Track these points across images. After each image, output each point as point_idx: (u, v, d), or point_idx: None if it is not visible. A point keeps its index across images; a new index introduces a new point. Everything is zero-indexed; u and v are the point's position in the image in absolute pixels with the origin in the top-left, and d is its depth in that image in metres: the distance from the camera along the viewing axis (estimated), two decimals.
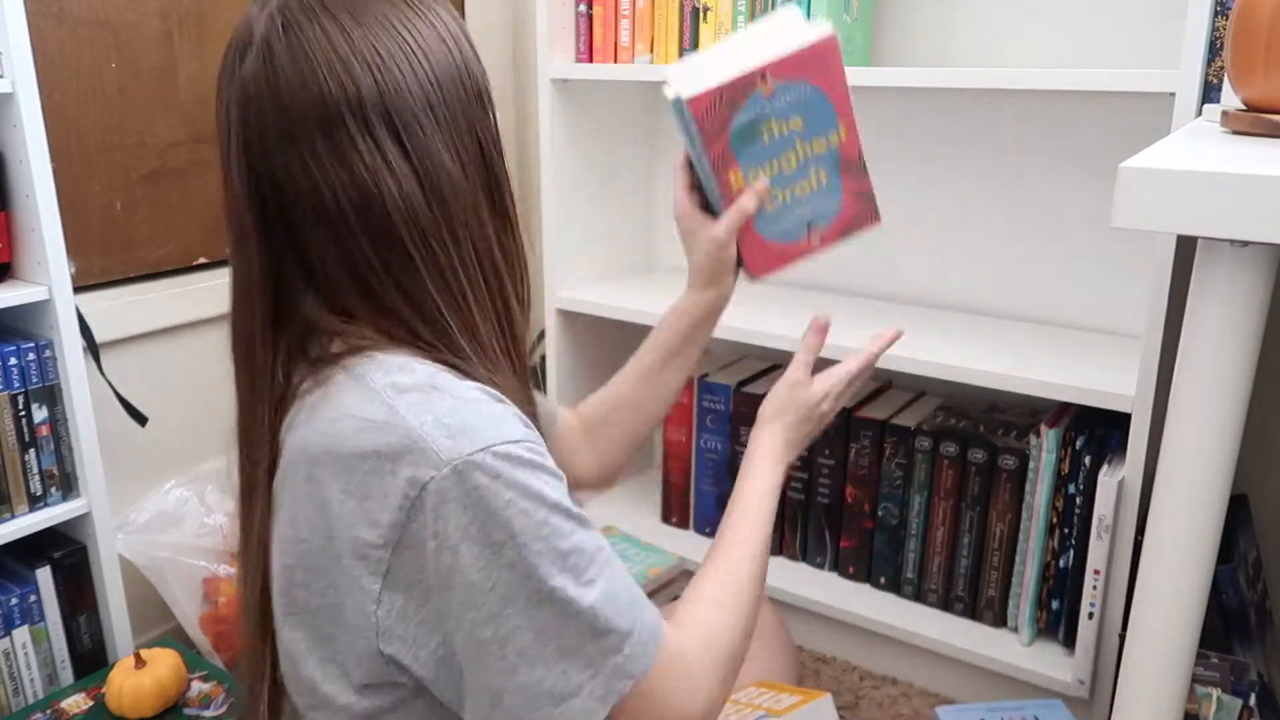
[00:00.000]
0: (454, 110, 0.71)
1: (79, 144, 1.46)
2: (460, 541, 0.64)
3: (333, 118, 0.68)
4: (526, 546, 0.64)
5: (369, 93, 0.68)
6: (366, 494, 0.65)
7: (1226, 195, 0.63)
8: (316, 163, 0.68)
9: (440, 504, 0.63)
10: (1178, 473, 0.73)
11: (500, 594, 0.64)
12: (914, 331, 1.54)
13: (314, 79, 0.67)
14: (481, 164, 0.73)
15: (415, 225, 0.70)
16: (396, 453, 0.64)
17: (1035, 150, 1.54)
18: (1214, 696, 1.04)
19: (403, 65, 0.69)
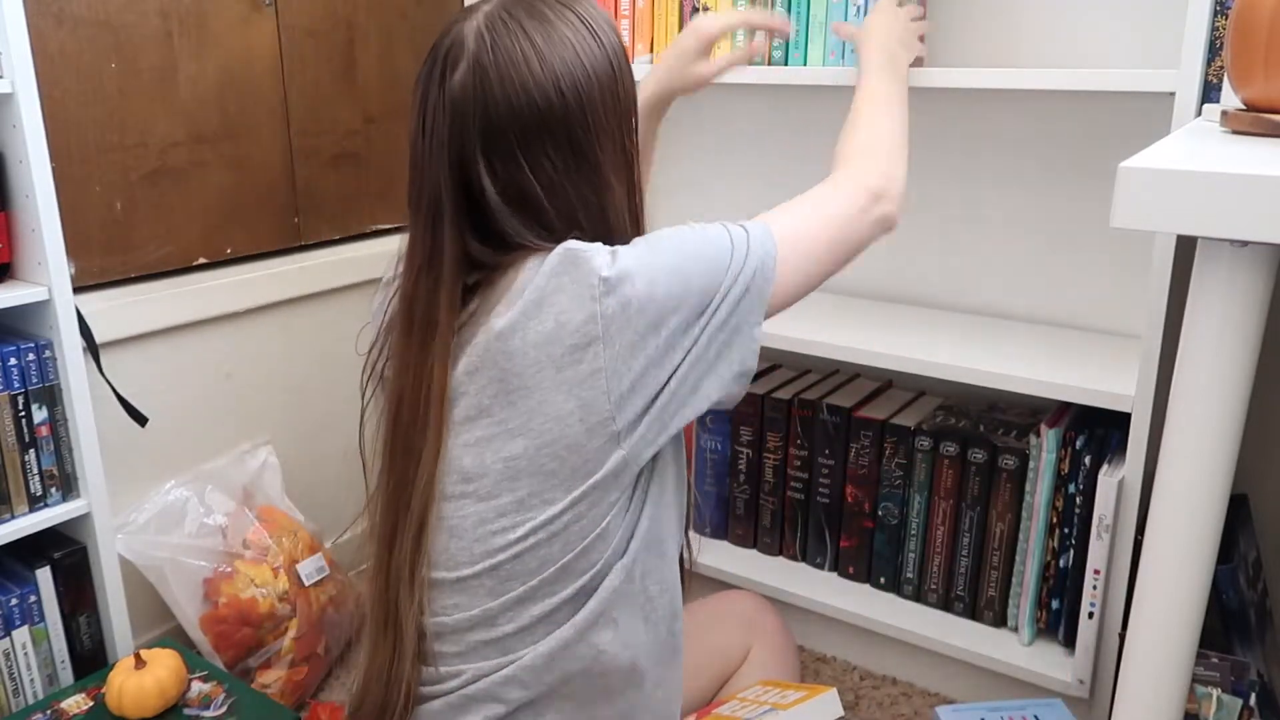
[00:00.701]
0: (613, 108, 0.89)
1: (79, 144, 1.46)
2: (637, 268, 0.84)
3: (530, 132, 0.85)
4: (679, 233, 0.89)
5: (564, 109, 0.85)
6: (564, 310, 0.82)
7: (1226, 195, 0.63)
8: (512, 163, 0.86)
9: (609, 264, 0.83)
10: (1178, 473, 0.73)
11: (698, 290, 0.86)
12: (914, 331, 1.54)
13: (517, 99, 0.85)
14: (626, 169, 0.91)
15: (592, 182, 0.90)
16: (569, 265, 0.83)
17: (1035, 150, 1.54)
18: (1214, 696, 1.04)
19: (584, 81, 0.86)
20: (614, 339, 0.82)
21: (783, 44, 1.48)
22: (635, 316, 0.82)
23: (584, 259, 0.82)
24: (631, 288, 0.82)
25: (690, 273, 0.85)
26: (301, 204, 1.77)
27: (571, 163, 0.86)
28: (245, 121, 1.66)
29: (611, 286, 0.81)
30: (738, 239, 0.88)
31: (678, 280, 0.84)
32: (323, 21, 1.74)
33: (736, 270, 0.86)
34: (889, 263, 1.70)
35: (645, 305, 0.82)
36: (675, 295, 0.83)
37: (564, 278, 0.82)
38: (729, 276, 0.86)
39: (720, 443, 1.70)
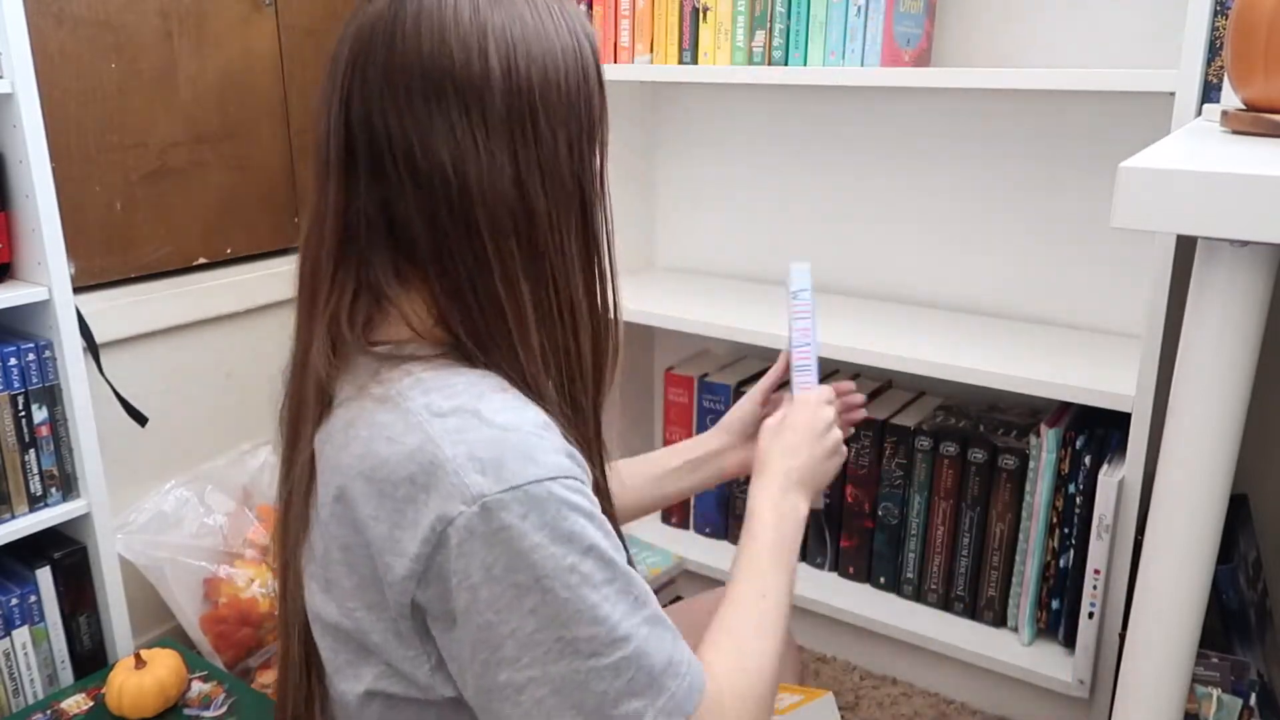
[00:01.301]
0: (562, 118, 0.69)
1: (79, 144, 1.46)
2: (482, 582, 0.61)
3: (442, 87, 0.66)
4: (552, 592, 0.62)
5: (484, 76, 0.66)
6: (397, 522, 0.63)
7: (1226, 195, 0.63)
8: (414, 122, 0.66)
9: (465, 540, 0.61)
10: (1178, 473, 0.73)
11: (519, 640, 0.62)
12: (914, 331, 1.54)
13: (435, 44, 0.66)
14: (575, 183, 0.71)
15: (494, 218, 0.67)
16: (427, 484, 0.62)
17: (1035, 150, 1.54)
18: (1214, 696, 1.04)
19: (525, 60, 0.67)
20: (429, 587, 0.64)
21: (782, 44, 1.48)
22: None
23: (435, 482, 0.62)
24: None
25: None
26: (301, 204, 1.77)
27: (490, 152, 0.67)
28: (245, 121, 1.66)
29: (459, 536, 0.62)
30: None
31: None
32: (323, 21, 1.74)
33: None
34: (890, 263, 1.70)
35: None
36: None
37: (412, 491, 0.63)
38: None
39: None
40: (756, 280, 1.84)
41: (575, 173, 0.71)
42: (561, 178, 0.70)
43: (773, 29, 1.48)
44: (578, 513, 0.64)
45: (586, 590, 0.63)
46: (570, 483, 0.64)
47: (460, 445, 0.62)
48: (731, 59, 1.53)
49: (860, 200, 1.70)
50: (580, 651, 0.62)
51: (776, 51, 1.49)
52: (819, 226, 1.76)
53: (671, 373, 1.74)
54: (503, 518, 0.61)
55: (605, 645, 0.63)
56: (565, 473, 0.64)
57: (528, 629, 0.62)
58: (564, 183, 0.70)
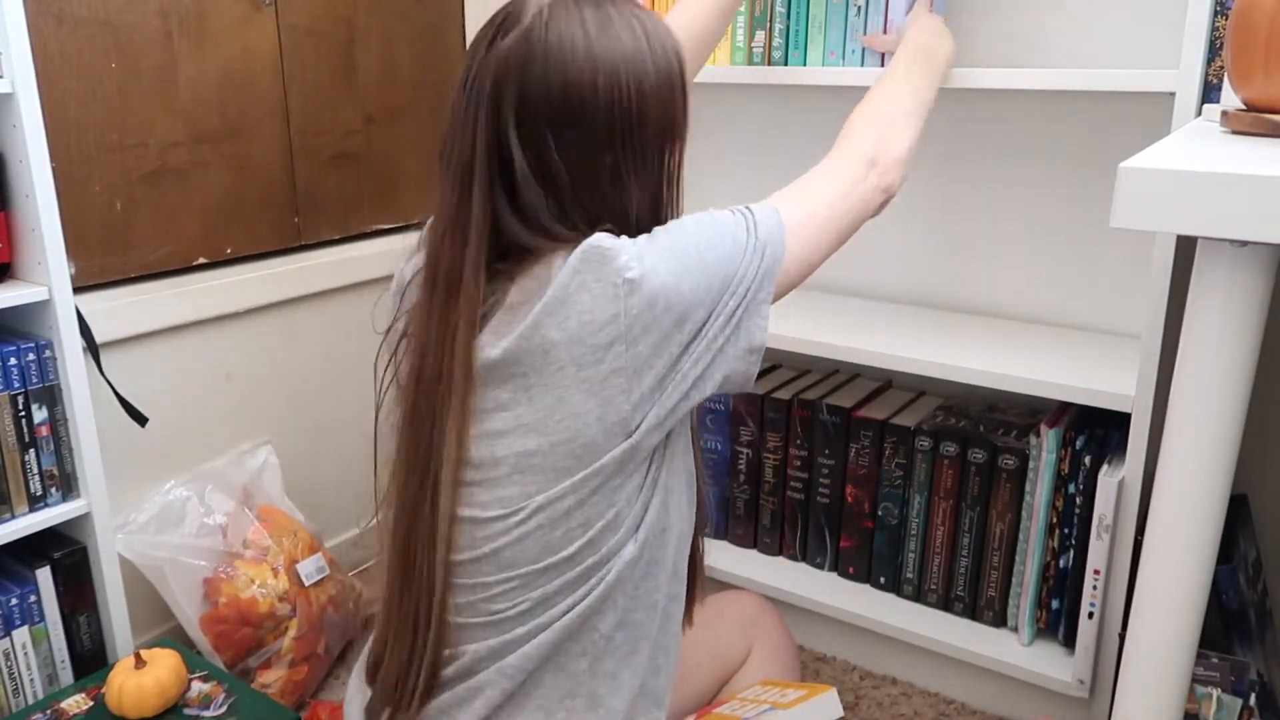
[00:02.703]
0: (654, 124, 0.88)
1: (79, 144, 1.46)
2: (660, 259, 0.84)
3: (559, 119, 0.85)
4: (707, 215, 0.92)
5: (596, 106, 0.85)
6: (588, 288, 0.82)
7: (1226, 195, 0.63)
8: (538, 145, 0.86)
9: (632, 260, 0.83)
10: (1178, 473, 0.73)
11: (704, 232, 0.89)
12: (914, 331, 1.54)
13: (559, 83, 0.84)
14: (658, 182, 0.91)
15: (592, 207, 0.89)
16: (594, 260, 0.82)
17: (1035, 150, 1.54)
18: (1214, 696, 1.04)
19: (624, 82, 0.86)
20: (638, 339, 0.82)
21: (782, 44, 1.48)
22: (662, 315, 0.83)
23: (608, 257, 0.82)
24: (656, 286, 0.82)
25: (712, 266, 0.86)
26: (301, 204, 1.77)
27: (598, 160, 0.86)
28: (245, 121, 1.66)
29: (635, 286, 0.82)
30: (749, 226, 0.90)
31: (701, 276, 0.85)
32: (323, 21, 1.74)
33: (750, 258, 0.88)
34: (890, 262, 1.70)
35: (672, 303, 0.83)
36: (699, 291, 0.85)
37: (587, 275, 0.82)
38: (743, 265, 0.87)
39: (720, 443, 1.70)
40: None
41: (664, 167, 0.91)
42: (658, 162, 0.90)
43: (773, 29, 1.48)
44: (714, 217, 0.93)
45: (728, 217, 0.93)
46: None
47: (605, 235, 0.84)
48: (731, 59, 1.53)
49: None
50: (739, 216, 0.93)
51: (776, 51, 1.49)
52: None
53: None
54: (659, 238, 0.87)
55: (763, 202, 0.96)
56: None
57: (706, 228, 0.90)
58: (660, 163, 0.91)
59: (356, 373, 1.88)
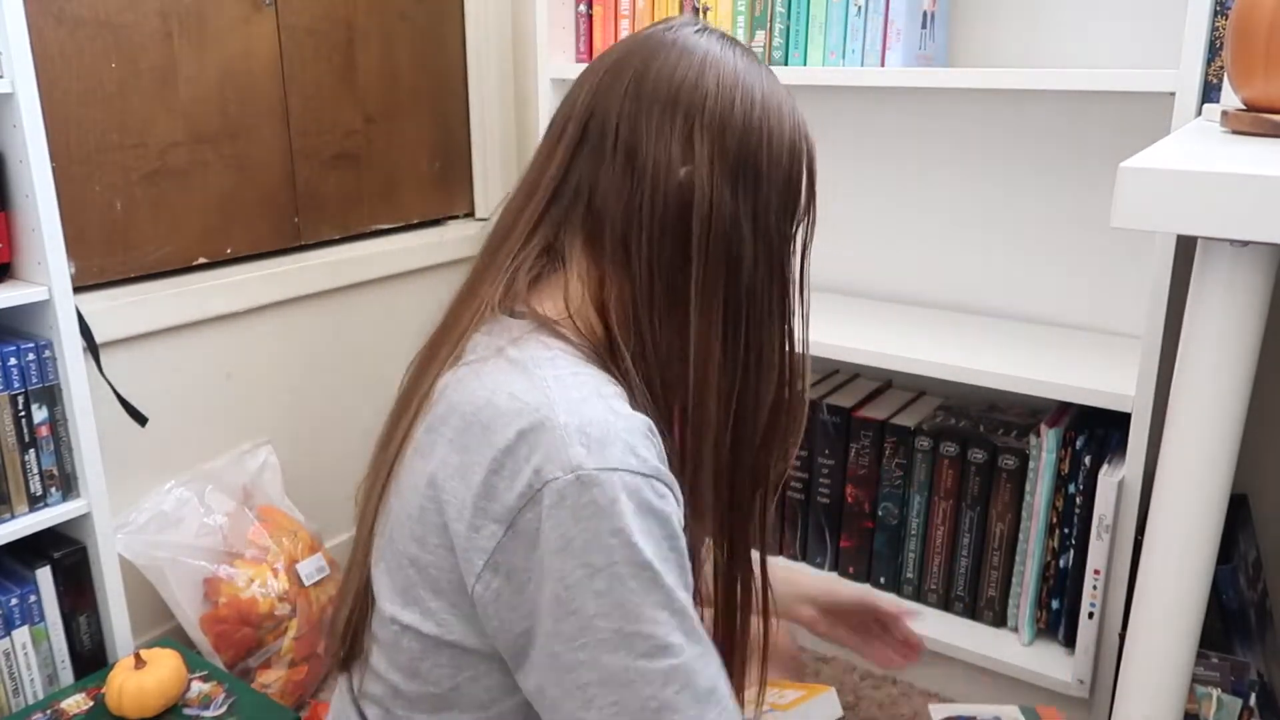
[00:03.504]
0: (780, 186, 0.75)
1: (79, 144, 1.46)
2: (561, 550, 0.63)
3: (691, 108, 0.72)
4: (621, 580, 0.63)
5: (727, 115, 0.72)
6: (498, 469, 0.65)
7: (1226, 195, 0.63)
8: (650, 128, 0.72)
9: (555, 506, 0.63)
10: (1178, 473, 0.73)
11: (581, 620, 0.63)
12: (914, 332, 1.54)
13: (693, 72, 0.73)
14: (776, 258, 0.76)
15: (707, 237, 0.72)
16: (534, 441, 0.64)
17: (1035, 150, 1.54)
18: (1214, 696, 1.04)
19: (762, 120, 0.74)
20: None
21: (782, 44, 1.48)
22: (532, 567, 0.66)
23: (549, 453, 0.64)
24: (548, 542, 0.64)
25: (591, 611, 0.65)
26: (301, 204, 1.77)
27: (706, 174, 0.72)
28: (245, 121, 1.66)
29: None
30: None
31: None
32: (323, 21, 1.74)
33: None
34: (890, 263, 1.71)
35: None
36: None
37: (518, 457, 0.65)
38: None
39: None
40: None
41: (781, 238, 0.76)
42: (770, 237, 0.75)
43: (773, 29, 1.48)
44: (660, 517, 0.65)
45: (654, 591, 0.64)
46: (661, 487, 0.66)
47: (574, 416, 0.65)
48: None
49: (859, 200, 1.70)
50: (635, 649, 0.63)
51: (776, 51, 1.49)
52: (818, 226, 1.75)
53: None
54: (594, 494, 0.63)
55: (659, 650, 0.64)
56: (661, 476, 0.66)
57: (589, 611, 0.63)
58: (771, 242, 0.75)
59: (356, 373, 1.88)
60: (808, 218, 0.80)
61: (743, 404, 0.76)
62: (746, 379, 0.75)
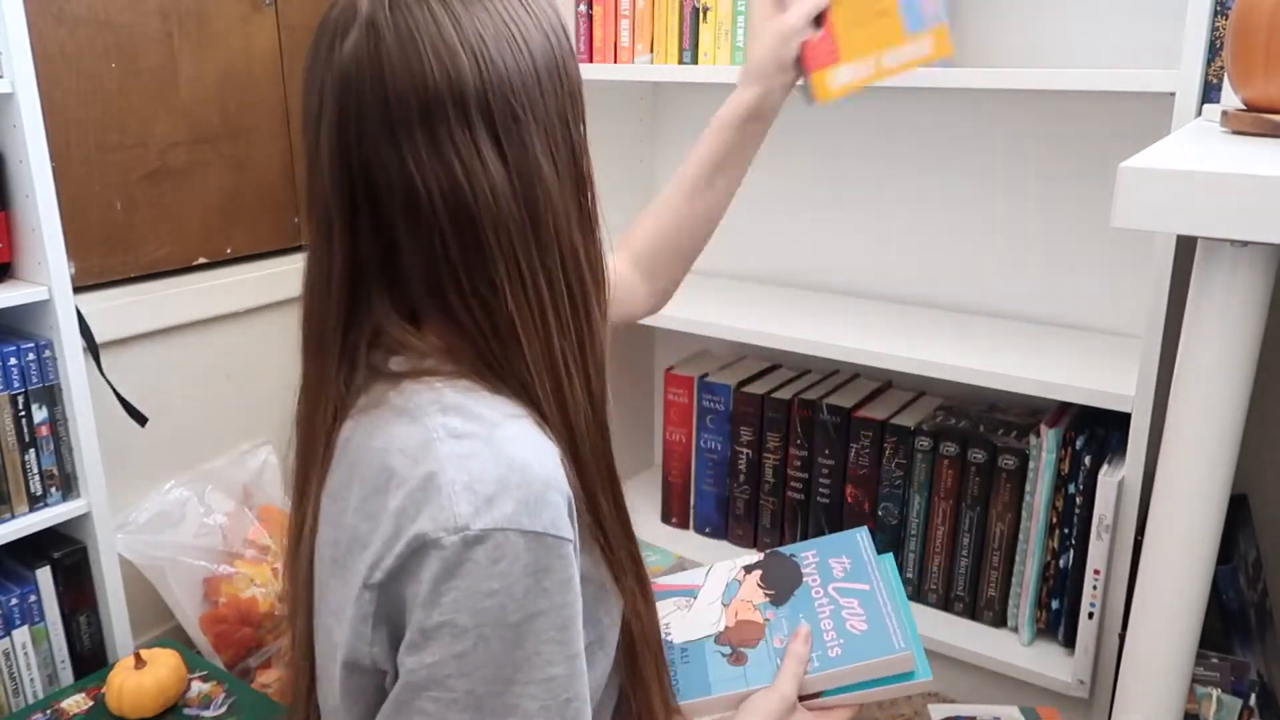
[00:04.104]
0: (550, 108, 0.68)
1: (79, 144, 1.46)
2: (428, 603, 0.61)
3: (434, 108, 0.64)
4: (485, 642, 0.61)
5: (472, 84, 0.64)
6: (388, 533, 0.63)
7: (1226, 195, 0.63)
8: (413, 153, 0.65)
9: (435, 560, 0.61)
10: (1178, 473, 0.73)
11: (434, 676, 0.62)
12: (914, 332, 1.54)
13: (419, 65, 0.64)
14: (572, 166, 0.70)
15: (503, 226, 0.66)
16: (421, 502, 0.62)
17: (1035, 150, 1.54)
18: (1214, 696, 1.04)
19: (506, 57, 0.66)
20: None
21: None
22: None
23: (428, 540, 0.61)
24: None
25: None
26: (301, 204, 1.77)
27: (474, 164, 0.65)
28: (245, 121, 1.66)
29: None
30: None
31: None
32: None
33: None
34: (890, 263, 1.70)
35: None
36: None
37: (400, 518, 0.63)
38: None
39: (720, 443, 1.70)
40: (756, 280, 1.84)
41: (570, 153, 0.70)
42: (558, 164, 0.69)
43: None
44: (548, 577, 0.63)
45: (515, 654, 0.62)
46: (556, 543, 0.63)
47: (462, 472, 0.62)
48: (731, 59, 1.53)
49: (860, 200, 1.70)
50: (483, 709, 0.62)
51: None
52: (818, 226, 1.76)
53: (671, 372, 1.74)
54: (474, 553, 0.60)
55: (509, 710, 0.62)
56: (556, 531, 0.63)
57: (446, 670, 0.61)
58: (560, 169, 0.69)
59: None
60: (580, 95, 0.72)
61: (581, 352, 0.71)
62: (579, 324, 0.71)
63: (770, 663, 0.91)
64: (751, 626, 0.94)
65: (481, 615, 0.61)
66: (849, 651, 0.89)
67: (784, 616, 0.94)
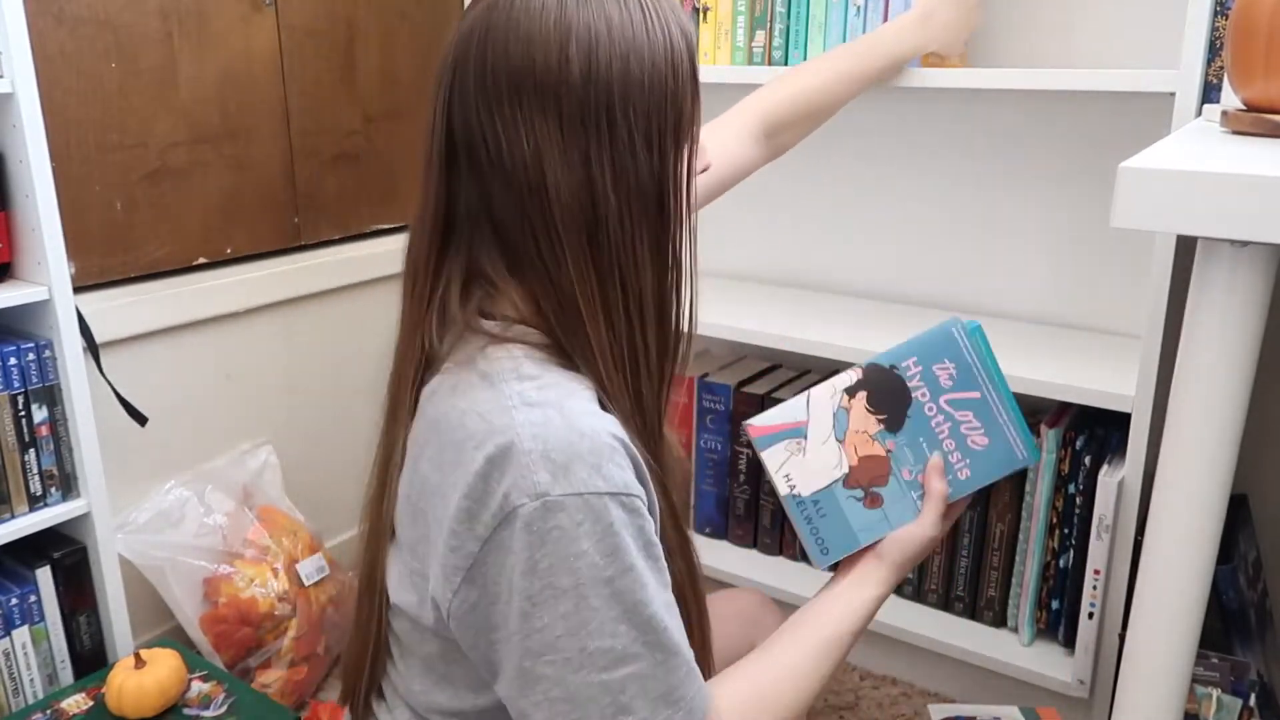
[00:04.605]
0: (644, 115, 0.71)
1: (79, 144, 1.46)
2: (528, 571, 0.66)
3: (524, 89, 0.69)
4: (585, 600, 0.66)
5: (562, 76, 0.69)
6: (471, 493, 0.68)
7: (1226, 195, 0.63)
8: (502, 123, 0.70)
9: (523, 530, 0.66)
10: (1178, 473, 0.73)
11: (546, 639, 0.67)
12: (914, 332, 1.53)
13: (521, 48, 0.69)
14: (650, 194, 0.73)
15: (565, 215, 0.71)
16: (502, 466, 0.67)
17: (1035, 150, 1.54)
18: (1214, 696, 1.04)
19: (606, 58, 0.70)
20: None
21: (782, 44, 1.48)
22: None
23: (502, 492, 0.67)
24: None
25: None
26: (301, 204, 1.77)
27: (569, 148, 0.70)
28: (245, 121, 1.66)
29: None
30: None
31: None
32: (323, 21, 1.74)
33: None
34: (890, 262, 1.70)
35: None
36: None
37: (479, 479, 0.68)
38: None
39: (720, 443, 1.70)
40: (757, 280, 1.84)
41: (654, 172, 0.73)
42: (637, 176, 0.72)
43: (773, 29, 1.48)
44: (628, 531, 0.68)
45: (616, 605, 0.67)
46: (630, 500, 0.68)
47: (538, 440, 0.67)
48: (731, 59, 1.53)
49: (860, 200, 1.70)
50: (597, 664, 0.67)
51: (776, 51, 1.49)
52: (819, 226, 1.76)
53: None
54: (559, 519, 0.66)
55: (618, 660, 0.67)
56: (627, 489, 0.69)
57: (556, 631, 0.67)
58: (639, 181, 0.72)
59: (356, 372, 1.88)
60: (694, 125, 0.77)
61: (632, 351, 0.75)
62: (632, 331, 0.75)
63: (905, 497, 0.92)
64: (876, 461, 0.93)
65: (577, 575, 0.66)
66: (977, 471, 0.92)
67: (904, 444, 0.93)
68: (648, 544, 0.70)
